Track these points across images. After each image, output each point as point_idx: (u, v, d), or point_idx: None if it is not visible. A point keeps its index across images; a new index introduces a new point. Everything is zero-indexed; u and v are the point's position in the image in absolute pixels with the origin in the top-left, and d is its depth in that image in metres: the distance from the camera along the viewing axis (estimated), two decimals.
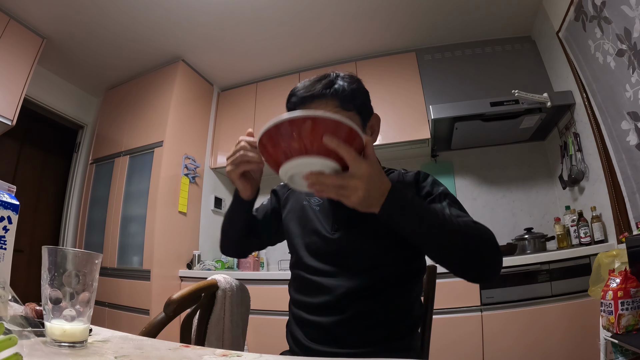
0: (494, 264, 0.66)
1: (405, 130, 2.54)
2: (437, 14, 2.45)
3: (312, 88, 0.78)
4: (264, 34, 2.59)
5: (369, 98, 0.85)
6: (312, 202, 0.92)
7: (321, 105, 0.77)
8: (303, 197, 0.95)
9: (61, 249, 0.50)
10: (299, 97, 0.79)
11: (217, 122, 3.13)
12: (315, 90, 0.77)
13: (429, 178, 0.84)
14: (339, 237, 0.82)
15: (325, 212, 0.88)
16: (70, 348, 0.48)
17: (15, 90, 2.24)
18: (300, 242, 0.88)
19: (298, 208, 0.94)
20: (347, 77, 0.81)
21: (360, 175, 0.55)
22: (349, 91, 0.78)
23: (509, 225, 2.53)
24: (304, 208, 0.92)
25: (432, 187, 0.81)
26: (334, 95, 0.77)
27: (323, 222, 0.86)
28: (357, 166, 0.55)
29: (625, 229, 1.68)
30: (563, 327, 1.71)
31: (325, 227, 0.85)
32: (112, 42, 2.59)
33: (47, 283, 0.49)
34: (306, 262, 0.85)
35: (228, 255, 1.01)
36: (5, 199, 0.55)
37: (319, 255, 0.83)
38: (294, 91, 0.81)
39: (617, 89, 1.63)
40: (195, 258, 2.61)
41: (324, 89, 0.77)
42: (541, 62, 2.48)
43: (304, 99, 0.78)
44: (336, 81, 0.79)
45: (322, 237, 0.84)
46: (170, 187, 2.55)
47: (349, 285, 0.78)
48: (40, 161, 2.98)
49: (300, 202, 0.94)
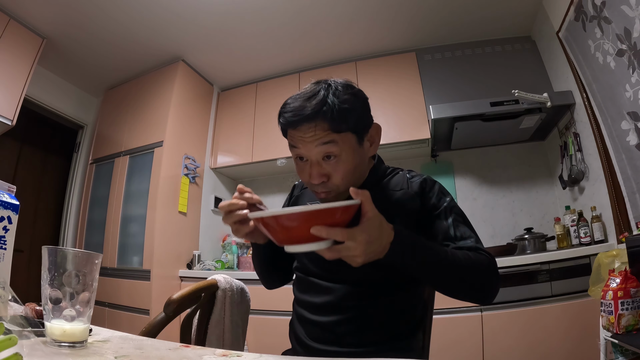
0: (491, 292, 0.71)
1: (405, 130, 2.54)
2: (437, 14, 2.45)
3: (301, 110, 0.71)
4: (264, 34, 2.59)
5: (368, 108, 0.79)
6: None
7: (310, 129, 0.71)
8: (305, 200, 0.95)
9: (61, 249, 0.50)
10: (288, 121, 0.73)
11: (217, 122, 3.13)
12: (304, 112, 0.71)
13: (436, 187, 0.83)
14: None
15: None
16: (70, 348, 0.48)
17: (15, 90, 2.24)
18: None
19: None
20: (340, 89, 0.74)
21: (356, 245, 0.56)
22: (340, 111, 0.71)
23: (509, 225, 2.53)
24: None
25: (439, 199, 0.80)
26: (324, 118, 0.70)
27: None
28: (351, 239, 0.56)
29: (625, 229, 1.68)
30: (563, 327, 1.71)
31: None
32: (112, 42, 2.59)
33: (47, 283, 0.49)
34: (308, 267, 0.85)
35: (275, 288, 1.00)
36: (5, 199, 0.55)
37: (320, 260, 0.83)
38: (283, 108, 0.75)
39: (617, 89, 1.63)
40: (195, 258, 2.61)
41: (312, 111, 0.70)
42: (541, 62, 2.48)
43: (292, 123, 0.73)
44: (327, 99, 0.71)
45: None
46: (170, 187, 2.55)
47: (350, 286, 0.79)
48: (40, 161, 2.98)
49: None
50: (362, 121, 0.77)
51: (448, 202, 0.80)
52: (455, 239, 0.75)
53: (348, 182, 0.75)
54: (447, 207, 0.78)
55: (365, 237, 0.56)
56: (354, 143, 0.75)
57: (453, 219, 0.77)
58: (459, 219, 0.78)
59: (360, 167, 0.79)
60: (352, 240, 0.56)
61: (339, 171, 0.74)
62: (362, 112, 0.77)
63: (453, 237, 0.75)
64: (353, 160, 0.75)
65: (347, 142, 0.73)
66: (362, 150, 0.78)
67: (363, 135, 0.78)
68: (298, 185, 1.04)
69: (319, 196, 0.79)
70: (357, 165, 0.77)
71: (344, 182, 0.75)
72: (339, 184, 0.75)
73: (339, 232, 0.55)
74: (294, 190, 1.04)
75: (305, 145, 0.73)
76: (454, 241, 0.74)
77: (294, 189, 1.04)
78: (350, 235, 0.55)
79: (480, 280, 0.70)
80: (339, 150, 0.72)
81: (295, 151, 0.76)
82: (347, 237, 0.55)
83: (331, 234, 0.54)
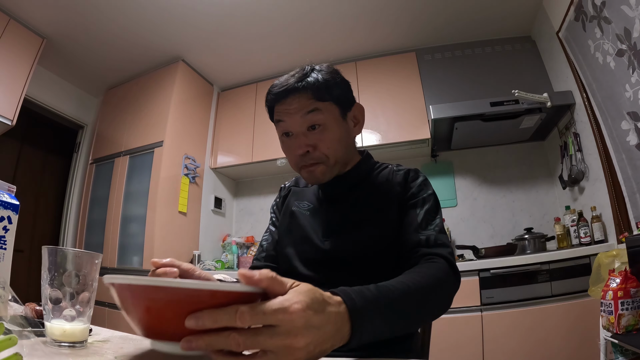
0: (447, 306, 0.66)
1: (405, 130, 2.54)
2: (437, 15, 2.45)
3: (285, 83, 0.76)
4: (264, 34, 2.59)
5: (350, 89, 0.83)
6: (302, 207, 0.89)
7: (295, 100, 0.75)
8: (292, 203, 0.92)
9: (61, 249, 0.50)
10: (273, 94, 0.78)
11: (217, 122, 3.13)
12: (288, 84, 0.75)
13: (419, 179, 0.82)
14: (331, 246, 0.79)
15: (316, 217, 0.85)
16: (70, 348, 0.48)
17: (15, 90, 2.24)
18: (292, 252, 0.84)
19: (287, 216, 0.90)
20: (323, 69, 0.79)
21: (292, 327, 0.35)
22: (323, 82, 0.76)
23: (509, 225, 2.53)
24: (293, 214, 0.89)
25: (419, 190, 0.80)
26: (307, 88, 0.75)
27: (315, 228, 0.83)
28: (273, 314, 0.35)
29: (625, 229, 1.68)
30: (563, 327, 1.71)
31: (317, 234, 0.82)
32: (112, 41, 2.59)
33: (47, 283, 0.49)
34: (300, 272, 0.81)
35: None
36: (5, 199, 0.55)
37: (311, 264, 0.81)
38: (270, 88, 0.79)
39: (617, 89, 1.63)
40: (195, 258, 2.61)
41: (297, 82, 0.75)
42: (541, 62, 2.48)
43: (277, 95, 0.77)
44: (310, 74, 0.77)
45: (313, 246, 0.81)
46: (170, 187, 2.55)
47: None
48: (40, 161, 2.98)
49: (289, 209, 0.91)
50: (345, 96, 0.81)
51: (427, 194, 0.79)
52: (420, 228, 0.73)
53: (336, 153, 0.78)
54: (424, 199, 0.78)
55: (303, 306, 0.36)
56: (338, 115, 0.78)
57: (425, 210, 0.76)
58: (429, 213, 0.76)
59: (345, 141, 0.81)
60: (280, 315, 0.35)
61: (325, 140, 0.76)
62: (344, 88, 0.81)
63: (418, 226, 0.74)
64: (338, 130, 0.78)
65: (330, 112, 0.77)
66: (347, 125, 0.81)
67: (346, 111, 0.81)
68: (285, 187, 1.00)
69: (307, 174, 0.79)
70: (342, 137, 0.79)
71: (331, 151, 0.77)
72: (326, 152, 0.76)
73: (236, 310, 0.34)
74: (281, 192, 1.00)
75: (290, 116, 0.76)
76: (419, 230, 0.73)
77: (281, 191, 1.00)
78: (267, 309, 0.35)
79: (443, 303, 0.65)
80: (323, 119, 0.76)
81: (281, 126, 0.79)
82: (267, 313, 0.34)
83: (219, 319, 0.33)
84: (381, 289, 0.51)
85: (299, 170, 0.81)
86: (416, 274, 0.61)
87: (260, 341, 0.34)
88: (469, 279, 1.85)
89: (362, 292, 0.48)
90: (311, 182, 0.82)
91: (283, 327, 0.35)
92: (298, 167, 0.81)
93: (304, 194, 0.93)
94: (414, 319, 0.57)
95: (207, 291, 0.34)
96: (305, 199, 0.91)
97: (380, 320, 0.48)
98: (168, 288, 0.34)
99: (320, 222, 0.84)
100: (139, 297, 0.36)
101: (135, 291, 0.36)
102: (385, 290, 0.51)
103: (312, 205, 0.88)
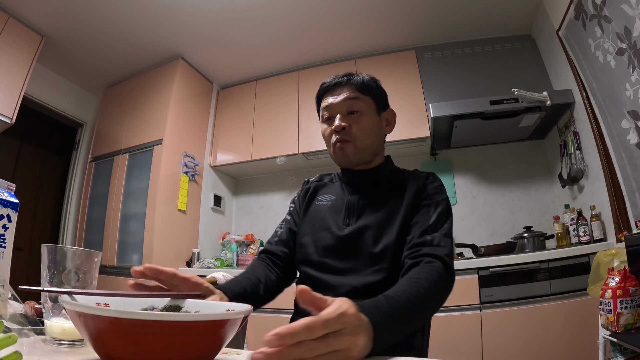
0: (442, 305, 0.72)
1: (405, 128, 2.53)
2: (437, 12, 2.45)
3: (335, 78, 0.93)
4: (264, 32, 2.58)
5: (386, 96, 0.97)
6: (324, 199, 0.96)
7: (342, 89, 0.90)
8: (315, 197, 0.99)
9: (61, 247, 0.50)
10: (323, 88, 0.94)
11: (216, 120, 3.13)
12: (338, 78, 0.92)
13: (436, 182, 0.89)
14: (348, 233, 0.84)
15: (337, 208, 0.91)
16: (69, 346, 0.48)
17: (14, 88, 2.23)
18: (309, 240, 0.90)
19: (309, 208, 0.97)
20: (367, 75, 0.95)
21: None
22: (365, 81, 0.91)
23: (508, 223, 2.53)
24: (316, 208, 0.95)
25: (434, 192, 0.86)
26: (352, 82, 0.91)
27: (335, 218, 0.89)
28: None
29: (625, 228, 1.68)
30: (562, 325, 1.71)
31: (337, 222, 0.88)
32: (111, 39, 2.58)
33: (47, 281, 0.49)
34: (313, 259, 0.86)
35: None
36: (5, 197, 0.55)
37: (326, 252, 0.85)
38: (322, 84, 0.95)
39: (617, 88, 1.63)
40: (194, 256, 2.61)
41: (343, 77, 0.92)
42: (541, 60, 2.47)
43: (327, 88, 0.93)
44: (356, 74, 0.93)
45: (331, 233, 0.86)
46: (170, 185, 2.55)
47: (353, 284, 0.79)
48: (40, 159, 2.98)
49: (311, 202, 0.98)
50: (381, 98, 0.95)
51: (441, 199, 0.85)
52: (429, 229, 0.79)
53: (366, 139, 0.89)
54: (437, 202, 0.84)
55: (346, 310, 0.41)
56: (374, 108, 0.92)
57: (438, 213, 0.82)
58: (440, 217, 0.81)
59: (376, 133, 0.92)
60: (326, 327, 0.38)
61: (360, 123, 0.89)
62: (381, 92, 0.96)
63: (427, 227, 0.79)
64: (371, 121, 0.91)
65: (368, 104, 0.91)
66: (380, 121, 0.94)
67: (381, 110, 0.95)
68: (309, 182, 1.05)
69: (339, 150, 0.89)
70: (373, 127, 0.91)
71: (362, 133, 0.88)
72: (358, 133, 0.88)
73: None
74: (304, 185, 1.05)
75: (335, 100, 0.90)
76: (427, 230, 0.78)
77: (304, 185, 1.06)
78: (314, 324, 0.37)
79: (440, 300, 0.71)
80: (361, 106, 0.90)
81: (326, 110, 0.92)
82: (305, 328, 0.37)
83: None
84: (390, 301, 0.55)
85: (333, 147, 0.90)
86: (415, 282, 0.65)
87: (330, 343, 0.38)
88: (468, 277, 1.85)
89: (376, 305, 0.52)
90: (341, 158, 0.91)
91: (347, 329, 0.40)
92: (333, 144, 0.90)
93: (328, 189, 1.00)
94: (414, 325, 0.63)
95: (159, 322, 0.32)
96: (328, 193, 0.97)
97: (390, 333, 0.51)
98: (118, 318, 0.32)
99: (341, 213, 0.90)
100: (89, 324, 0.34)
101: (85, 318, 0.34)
102: (395, 302, 0.56)
103: (334, 197, 0.95)
